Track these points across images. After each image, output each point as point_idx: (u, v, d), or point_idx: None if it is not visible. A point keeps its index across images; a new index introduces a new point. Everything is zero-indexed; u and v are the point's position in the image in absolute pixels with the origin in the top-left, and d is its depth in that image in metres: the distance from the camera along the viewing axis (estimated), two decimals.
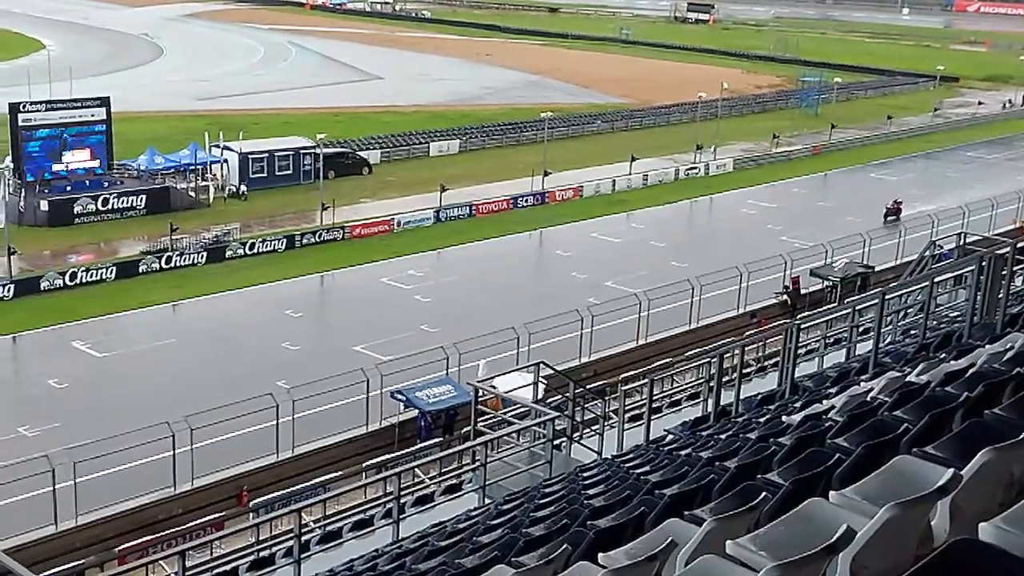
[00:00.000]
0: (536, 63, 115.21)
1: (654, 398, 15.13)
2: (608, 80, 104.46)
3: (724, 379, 14.45)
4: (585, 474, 11.41)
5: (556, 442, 13.91)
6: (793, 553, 4.06)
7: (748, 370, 17.04)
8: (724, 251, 49.47)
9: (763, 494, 5.52)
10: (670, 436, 13.21)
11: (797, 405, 11.28)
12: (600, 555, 5.18)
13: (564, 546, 6.00)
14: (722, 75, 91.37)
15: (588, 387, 19.54)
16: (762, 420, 10.83)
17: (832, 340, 18.36)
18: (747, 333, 29.85)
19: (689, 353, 29.23)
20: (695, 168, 70.19)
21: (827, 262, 45.35)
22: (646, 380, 15.34)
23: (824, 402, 10.23)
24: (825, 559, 4.08)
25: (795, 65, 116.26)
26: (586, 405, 16.61)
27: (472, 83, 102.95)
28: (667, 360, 28.83)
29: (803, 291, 43.82)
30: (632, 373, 26.18)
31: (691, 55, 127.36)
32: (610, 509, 7.52)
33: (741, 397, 14.01)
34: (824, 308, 33.02)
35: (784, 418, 9.67)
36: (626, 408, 15.55)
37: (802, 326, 15.30)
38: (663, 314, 39.12)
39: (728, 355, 15.00)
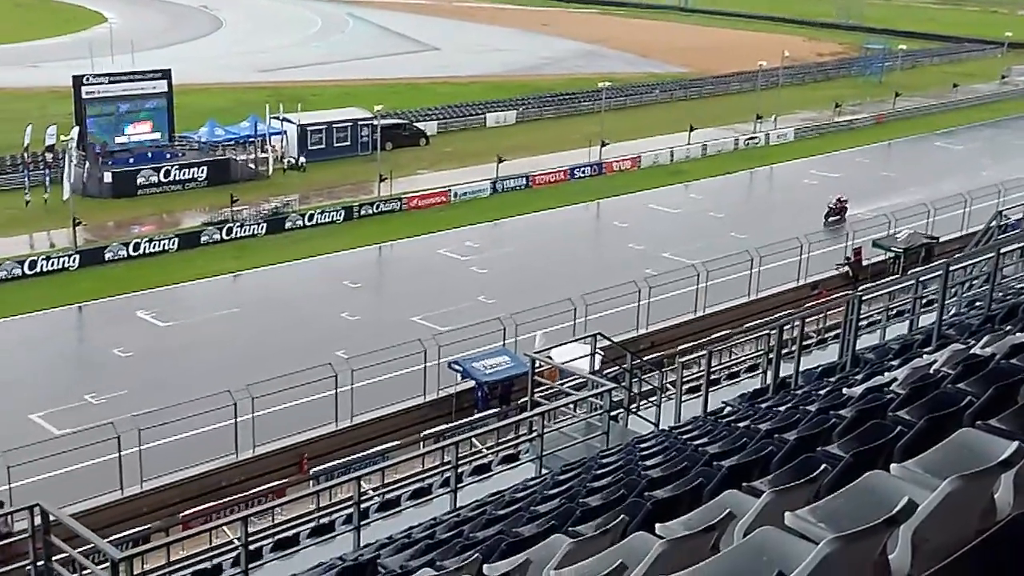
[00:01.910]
0: (594, 32, 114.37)
1: (712, 370, 15.03)
2: (667, 49, 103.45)
3: (784, 351, 14.29)
4: (642, 445, 11.38)
5: (613, 413, 13.88)
6: (853, 525, 4.02)
7: (808, 342, 16.83)
8: (784, 222, 48.95)
9: (823, 466, 5.47)
10: (728, 408, 13.12)
11: (858, 377, 11.14)
12: (657, 525, 5.17)
13: (621, 516, 6.00)
14: (783, 43, 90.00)
15: (645, 359, 19.48)
16: (822, 392, 10.71)
17: (895, 312, 18.07)
18: (807, 305, 29.52)
19: (748, 325, 29.02)
20: (755, 138, 69.39)
21: (890, 233, 44.66)
22: (704, 352, 15.23)
23: (886, 374, 10.10)
24: (886, 531, 4.04)
25: (859, 32, 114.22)
26: (643, 377, 16.55)
27: (529, 53, 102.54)
28: (726, 332, 28.63)
29: (865, 262, 43.23)
30: (690, 345, 26.03)
31: (752, 23, 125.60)
32: (667, 480, 7.51)
33: (801, 369, 13.87)
34: (887, 279, 32.52)
35: (845, 390, 9.56)
36: (684, 380, 15.47)
37: (864, 297, 15.06)
38: (721, 285, 38.84)
39: (788, 327, 14.85)
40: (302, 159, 59.34)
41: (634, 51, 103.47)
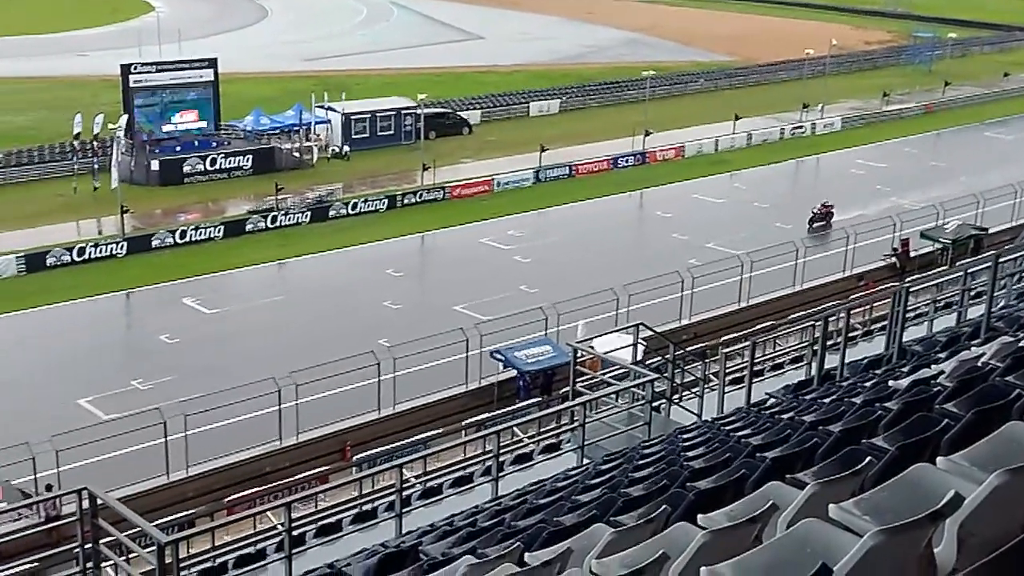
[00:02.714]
0: (638, 20, 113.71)
1: (756, 361, 14.92)
2: (712, 37, 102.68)
3: (829, 343, 14.17)
4: (684, 436, 11.35)
5: (655, 404, 13.84)
6: (898, 518, 3.98)
7: (854, 334, 16.66)
8: None
9: (868, 459, 5.42)
10: (772, 399, 13.03)
11: (905, 370, 11.02)
12: (700, 516, 5.16)
13: (663, 507, 5.99)
14: (831, 31, 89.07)
15: (688, 349, 19.38)
16: (868, 384, 10.61)
17: (943, 304, 17.85)
18: (853, 296, 29.24)
19: (793, 316, 28.78)
20: (801, 127, 68.75)
21: (938, 224, 44.10)
22: (748, 343, 15.13)
23: (933, 367, 9.98)
24: (931, 525, 4.00)
25: (907, 20, 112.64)
26: (686, 367, 16.47)
27: (573, 42, 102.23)
28: (770, 323, 28.45)
29: (913, 253, 42.70)
30: (733, 336, 25.87)
31: (799, 10, 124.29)
32: (710, 471, 7.48)
33: (846, 361, 13.74)
34: (935, 271, 32.15)
35: (891, 383, 9.46)
36: (727, 371, 15.37)
37: (911, 289, 14.89)
38: (766, 276, 38.55)
39: (833, 318, 14.71)
40: (346, 148, 59.62)
41: (678, 39, 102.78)
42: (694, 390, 15.34)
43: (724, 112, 67.95)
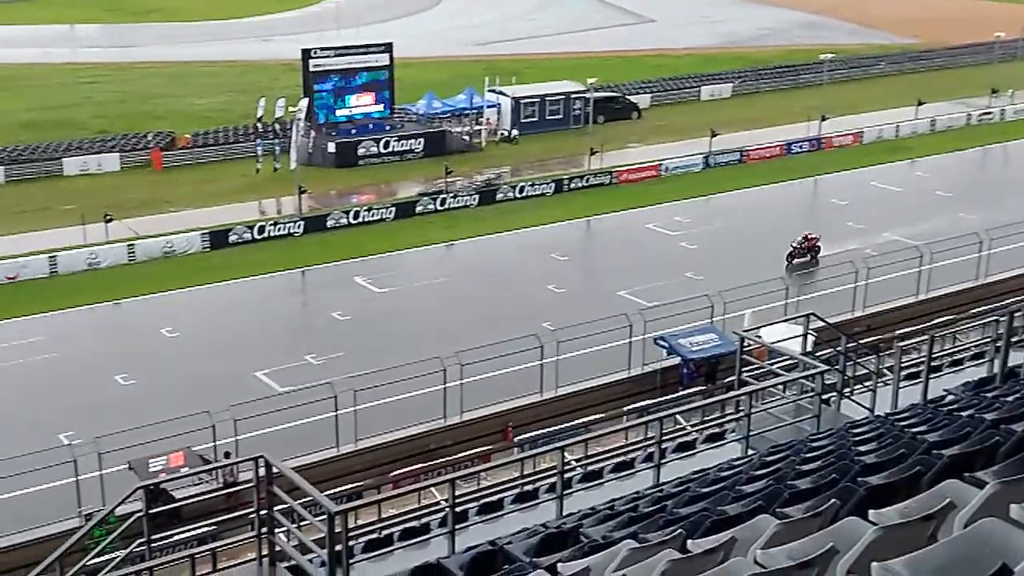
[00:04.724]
0: (818, 2, 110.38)
1: (934, 356, 14.34)
2: (896, 19, 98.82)
3: (1014, 339, 13.50)
4: (855, 430, 11.01)
5: (825, 396, 13.47)
6: None
7: None
8: (1019, 202, 46.16)
9: None
10: (950, 396, 12.51)
11: None
12: (871, 511, 4.99)
13: (832, 500, 5.83)
14: None
15: (861, 342, 18.79)
16: None
17: None
18: None
19: (975, 310, 27.59)
20: (989, 113, 65.59)
21: None
22: (926, 337, 14.55)
23: None
24: None
25: None
26: (858, 360, 15.96)
27: (748, 24, 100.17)
28: (950, 317, 27.32)
29: None
30: (910, 329, 24.93)
31: None
32: (882, 467, 7.24)
33: None
34: None
35: None
36: (902, 365, 14.83)
37: None
38: (946, 268, 36.97)
39: (1019, 313, 14.01)
40: (515, 132, 60.10)
41: (860, 21, 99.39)
42: (866, 384, 14.87)
43: (906, 97, 65.45)
